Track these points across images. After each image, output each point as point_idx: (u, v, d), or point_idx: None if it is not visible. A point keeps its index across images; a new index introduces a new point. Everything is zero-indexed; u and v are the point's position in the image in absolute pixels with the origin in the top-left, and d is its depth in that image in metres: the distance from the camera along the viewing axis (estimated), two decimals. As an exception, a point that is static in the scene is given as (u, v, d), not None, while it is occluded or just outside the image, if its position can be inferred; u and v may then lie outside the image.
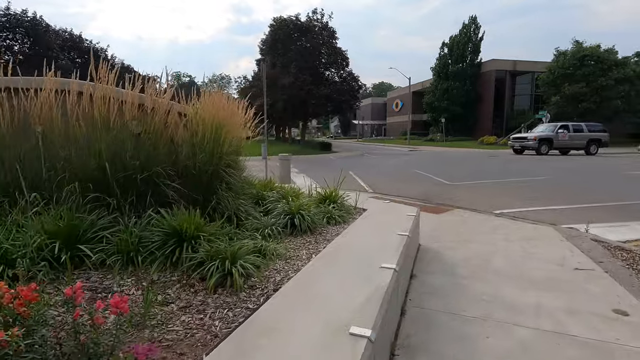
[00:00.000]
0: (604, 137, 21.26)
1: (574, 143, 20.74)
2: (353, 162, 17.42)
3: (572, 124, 21.08)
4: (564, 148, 20.93)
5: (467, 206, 6.84)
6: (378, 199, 6.71)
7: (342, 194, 4.49)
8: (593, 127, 21.80)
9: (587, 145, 20.82)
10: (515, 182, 9.73)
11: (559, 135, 20.34)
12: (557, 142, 20.36)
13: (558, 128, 20.73)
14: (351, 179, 10.67)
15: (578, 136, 20.72)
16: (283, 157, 8.71)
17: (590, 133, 21.00)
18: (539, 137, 20.36)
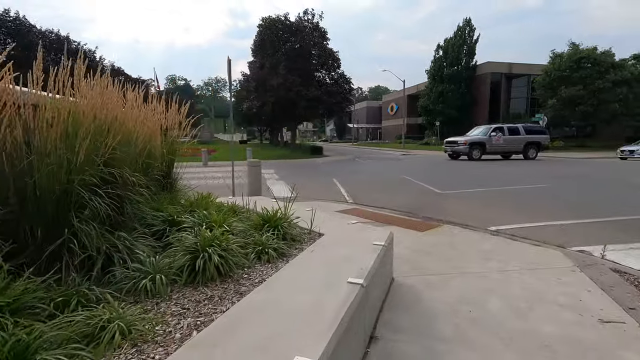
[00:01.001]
0: (543, 139, 19.99)
1: (510, 147, 19.28)
2: (341, 167, 16.47)
3: (507, 126, 19.64)
4: (499, 152, 19.48)
5: (458, 220, 5.87)
6: (346, 216, 5.73)
7: (292, 215, 3.49)
8: (531, 129, 20.45)
9: (525, 149, 19.43)
10: (512, 191, 8.79)
11: (492, 138, 18.80)
12: (490, 146, 18.79)
13: (491, 131, 19.19)
14: (333, 187, 9.70)
15: (514, 139, 19.23)
16: (252, 163, 7.72)
17: (528, 136, 19.51)
18: (470, 141, 18.81)
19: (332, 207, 6.85)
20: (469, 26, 41.56)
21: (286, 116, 25.67)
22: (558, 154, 25.53)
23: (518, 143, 19.15)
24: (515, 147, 19.23)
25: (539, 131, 20.33)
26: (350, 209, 6.69)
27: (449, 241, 4.67)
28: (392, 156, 26.53)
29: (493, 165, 16.82)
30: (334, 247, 2.93)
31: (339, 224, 3.89)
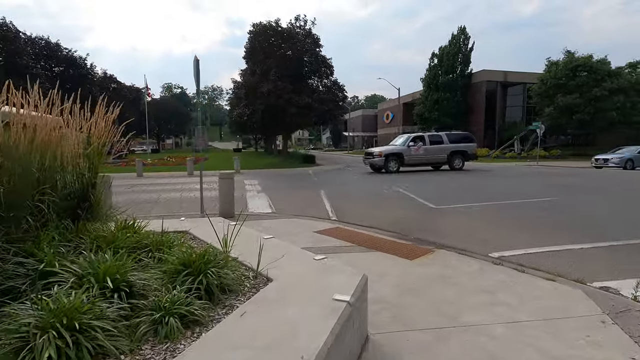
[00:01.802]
0: (469, 148, 18.13)
1: (433, 157, 17.42)
2: (331, 178, 15.65)
3: (428, 135, 17.79)
4: (421, 163, 17.46)
5: (454, 244, 5.05)
6: (316, 246, 4.89)
7: (233, 258, 2.65)
8: (456, 136, 18.55)
9: (450, 159, 17.59)
10: (514, 206, 8.00)
11: (410, 149, 16.93)
12: (409, 157, 16.90)
13: (410, 140, 17.36)
14: (318, 201, 8.87)
15: (437, 149, 17.41)
16: (223, 175, 6.88)
17: (452, 144, 17.70)
18: (386, 152, 16.88)
19: (311, 227, 6.03)
20: (464, 34, 41.34)
21: (276, 124, 24.91)
22: (554, 163, 24.94)
23: (441, 152, 17.41)
24: (438, 156, 17.51)
25: (465, 139, 18.43)
26: (332, 229, 5.86)
27: (444, 274, 3.83)
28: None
29: (490, 176, 16.09)
30: (277, 305, 2.08)
31: (301, 261, 3.04)
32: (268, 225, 6.17)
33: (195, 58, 6.40)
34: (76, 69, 44.35)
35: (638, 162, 20.90)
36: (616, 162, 20.85)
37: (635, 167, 20.74)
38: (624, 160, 20.73)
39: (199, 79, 6.46)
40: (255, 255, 2.80)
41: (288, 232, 5.63)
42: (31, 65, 36.07)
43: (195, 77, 6.39)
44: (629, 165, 20.67)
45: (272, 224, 6.23)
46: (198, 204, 8.66)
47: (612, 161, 20.99)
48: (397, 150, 17.09)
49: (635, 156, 21.00)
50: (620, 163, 20.69)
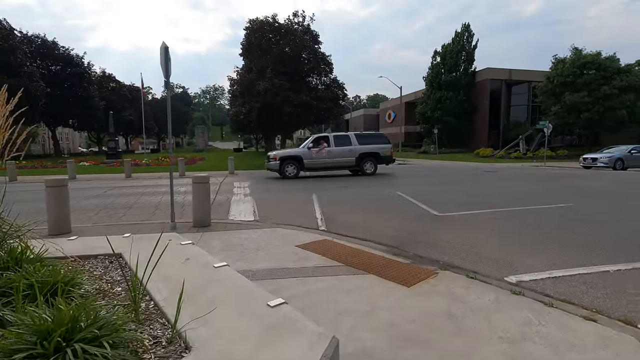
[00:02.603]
0: (382, 149, 15.91)
1: (339, 160, 15.29)
2: (327, 179, 14.81)
3: (334, 135, 15.65)
4: (325, 167, 15.38)
5: (462, 262, 4.22)
6: (289, 271, 4.03)
7: (143, 311, 1.82)
8: (368, 137, 16.34)
9: (359, 162, 15.49)
10: (528, 213, 7.14)
11: (311, 151, 14.97)
12: (309, 160, 14.96)
13: (310, 141, 15.55)
14: (308, 206, 8.04)
15: (343, 151, 15.30)
16: (198, 179, 6.05)
17: (361, 146, 15.53)
18: (282, 155, 15.10)
19: (294, 239, 5.20)
20: (468, 32, 40.39)
21: (273, 123, 24.09)
22: (562, 164, 23.99)
23: (349, 155, 15.35)
24: (345, 160, 15.43)
25: (378, 140, 16.26)
26: (318, 242, 5.03)
27: (451, 310, 2.99)
28: (385, 165, 24.90)
29: (496, 177, 15.21)
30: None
31: (246, 310, 2.19)
32: (245, 237, 5.35)
33: (164, 45, 5.58)
34: (73, 67, 43.66)
35: (629, 162, 19.80)
36: (605, 161, 19.79)
37: (625, 167, 19.64)
38: (613, 160, 19.68)
39: (168, 68, 5.64)
40: (189, 297, 1.97)
41: (266, 247, 4.81)
42: (25, 64, 35.39)
43: (164, 66, 5.57)
44: (619, 165, 19.60)
45: (251, 236, 5.41)
46: (177, 208, 7.85)
47: (601, 161, 19.91)
48: (293, 153, 15.31)
49: (626, 156, 19.92)
50: (609, 163, 19.64)
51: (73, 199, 9.60)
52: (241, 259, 4.29)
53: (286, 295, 3.18)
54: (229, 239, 5.26)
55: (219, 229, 5.86)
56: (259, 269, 3.91)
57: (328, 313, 2.90)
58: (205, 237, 5.32)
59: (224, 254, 4.47)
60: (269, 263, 4.13)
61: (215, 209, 7.97)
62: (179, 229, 5.91)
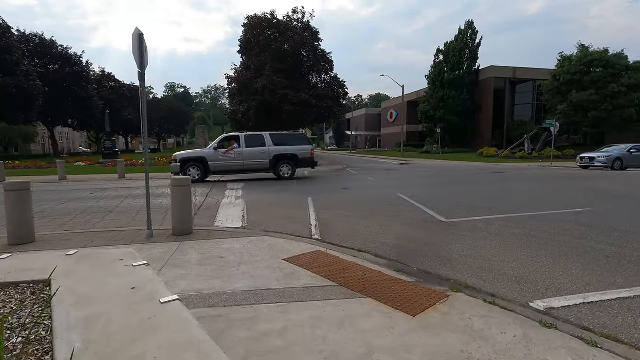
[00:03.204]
0: (301, 151, 14.35)
1: (250, 163, 13.81)
2: (325, 181, 14.21)
3: (245, 135, 14.14)
4: (233, 170, 13.87)
5: (477, 282, 3.58)
6: (273, 293, 3.41)
7: None
8: (284, 137, 14.69)
9: (273, 165, 14.05)
10: (544, 220, 6.49)
11: (218, 152, 13.55)
12: (215, 162, 13.54)
13: (218, 141, 14.08)
14: (303, 210, 7.41)
15: (255, 152, 13.81)
16: (178, 181, 5.42)
17: (276, 147, 14.06)
18: (183, 157, 13.59)
19: (283, 250, 4.57)
20: (471, 29, 39.64)
21: (272, 122, 23.43)
22: (569, 164, 23.27)
23: (262, 157, 13.89)
24: (257, 162, 13.94)
25: (297, 141, 14.71)
26: (309, 255, 4.40)
27: (467, 352, 2.35)
28: (388, 166, 24.27)
29: (503, 178, 14.53)
30: None
31: None
32: (228, 247, 4.73)
33: (137, 31, 4.96)
34: (71, 66, 43.14)
35: (628, 161, 18.93)
36: (603, 161, 18.93)
37: (624, 167, 18.78)
38: (611, 159, 18.82)
39: (143, 58, 5.02)
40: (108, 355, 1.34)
41: (249, 260, 4.18)
42: (23, 62, 34.88)
43: (137, 56, 4.95)
44: (617, 165, 18.74)
45: (234, 246, 4.79)
46: (160, 213, 7.26)
47: (599, 160, 19.03)
48: (197, 155, 13.75)
49: (625, 155, 19.04)
50: (607, 163, 18.79)
51: (53, 201, 9.04)
52: (217, 276, 3.67)
53: (261, 331, 2.55)
54: (210, 250, 4.64)
55: (201, 238, 5.24)
56: (235, 291, 3.29)
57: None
58: (182, 248, 4.71)
59: (199, 270, 3.85)
60: (249, 282, 3.50)
61: (201, 213, 7.36)
62: (156, 237, 5.30)
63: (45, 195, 10.09)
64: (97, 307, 1.88)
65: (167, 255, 4.41)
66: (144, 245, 4.87)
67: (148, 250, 4.61)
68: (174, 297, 2.01)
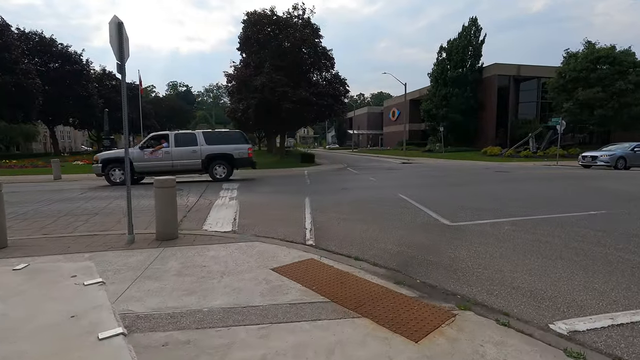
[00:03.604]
0: (237, 151, 13.24)
1: (180, 163, 12.73)
2: (324, 180, 13.81)
3: (175, 134, 13.17)
4: (162, 172, 12.21)
5: (486, 298, 3.17)
6: (255, 311, 2.98)
7: None
8: (219, 136, 13.69)
9: (206, 165, 13.01)
10: (557, 223, 6.07)
11: (143, 152, 12.59)
12: (141, 163, 12.50)
13: (145, 141, 13.21)
14: (298, 212, 7.01)
15: (185, 152, 12.82)
16: (161, 182, 5.03)
17: (209, 146, 13.04)
18: (105, 157, 12.66)
19: (273, 257, 4.18)
20: (475, 26, 39.05)
21: (271, 120, 23.06)
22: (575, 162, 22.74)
23: (193, 157, 12.81)
24: (188, 162, 12.89)
25: (232, 139, 13.54)
26: (301, 263, 4.00)
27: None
28: (389, 165, 23.85)
29: (509, 177, 14.08)
30: None
31: None
32: (213, 254, 4.34)
33: (115, 19, 4.56)
34: (72, 65, 42.88)
35: (632, 160, 18.33)
36: (606, 160, 18.33)
37: (628, 166, 18.19)
38: (614, 158, 18.21)
39: (123, 48, 4.63)
40: None
41: (234, 269, 3.79)
42: (22, 61, 34.64)
43: (116, 46, 4.55)
44: (621, 164, 18.15)
45: (220, 253, 4.40)
46: (149, 215, 6.89)
47: (601, 159, 18.44)
48: (119, 155, 12.62)
49: (628, 154, 18.42)
50: (610, 162, 18.19)
51: (40, 202, 8.68)
52: (195, 290, 3.27)
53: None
54: (192, 257, 4.25)
55: (186, 243, 4.86)
56: (212, 309, 2.89)
57: (292, 399, 1.87)
58: (163, 255, 4.32)
59: (176, 282, 3.46)
60: (230, 298, 3.11)
61: (191, 215, 6.97)
62: (138, 243, 4.92)
63: (33, 196, 9.75)
64: (17, 345, 1.49)
65: (145, 263, 4.02)
66: (122, 252, 4.49)
67: (125, 258, 4.23)
68: (117, 331, 1.62)
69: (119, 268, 3.88)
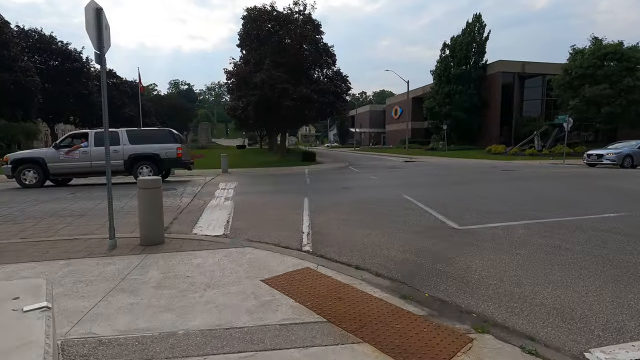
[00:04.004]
0: (165, 151, 12.02)
1: (100, 164, 11.16)
2: (325, 179, 13.40)
3: (96, 132, 11.93)
4: (80, 174, 11.74)
5: (506, 317, 2.75)
6: (238, 334, 2.57)
7: None
8: (145, 134, 12.61)
9: (129, 167, 11.87)
10: (574, 227, 5.65)
11: (59, 152, 11.48)
12: (55, 164, 11.45)
13: (62, 140, 12.10)
14: (296, 213, 6.61)
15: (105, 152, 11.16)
16: (145, 183, 4.63)
17: (134, 146, 11.90)
18: (16, 157, 11.57)
19: (264, 267, 3.77)
20: (479, 22, 38.46)
21: (272, 118, 22.64)
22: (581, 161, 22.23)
23: (115, 157, 11.50)
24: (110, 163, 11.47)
25: (160, 138, 12.35)
26: (295, 273, 3.60)
27: None
28: (392, 163, 23.41)
29: (516, 176, 13.62)
30: None
31: None
32: (199, 262, 3.94)
33: (93, 4, 4.15)
34: (72, 62, 42.58)
35: (639, 159, 17.80)
36: (612, 158, 17.74)
37: (635, 164, 17.64)
38: (621, 156, 17.63)
39: (101, 37, 4.22)
40: None
41: (220, 281, 3.39)
42: (21, 58, 34.34)
43: (94, 33, 4.15)
44: (627, 162, 17.59)
45: (207, 261, 4.00)
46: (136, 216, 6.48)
47: (607, 157, 17.85)
48: (31, 156, 11.63)
49: (635, 152, 17.86)
50: (617, 160, 17.61)
51: (27, 202, 8.29)
52: (173, 306, 2.87)
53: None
54: (176, 266, 3.86)
55: (172, 249, 4.46)
56: (189, 331, 2.49)
57: None
58: (145, 263, 3.93)
59: (153, 296, 3.06)
60: (211, 316, 2.71)
61: (183, 217, 6.58)
62: (120, 248, 4.53)
63: (21, 196, 9.39)
64: None
65: (123, 273, 3.63)
66: (101, 259, 4.11)
67: (102, 267, 3.84)
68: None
69: (93, 279, 3.49)
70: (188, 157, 13.34)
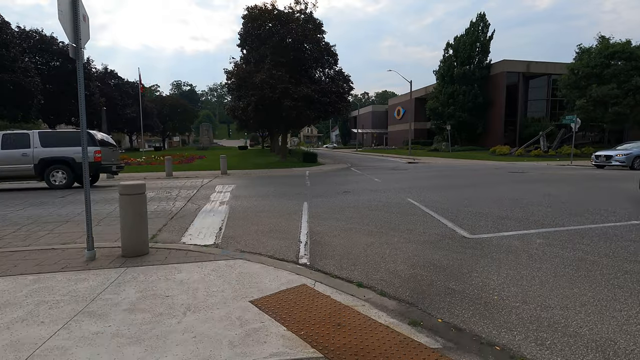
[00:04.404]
0: (79, 155, 10.58)
1: (6, 169, 10.73)
2: (326, 182, 12.97)
3: (4, 134, 11.08)
4: None
5: (536, 353, 2.32)
6: None
7: None
8: (59, 138, 11.39)
9: (41, 171, 10.99)
10: (597, 236, 5.20)
11: None
12: None
13: None
14: (294, 220, 6.19)
15: (13, 156, 10.78)
16: (127, 189, 4.23)
17: (45, 149, 10.99)
18: None
19: (255, 284, 3.35)
20: (483, 22, 37.96)
21: (272, 119, 22.22)
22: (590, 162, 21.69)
23: (22, 161, 10.77)
24: (16, 167, 10.83)
25: (75, 141, 11.22)
26: (290, 291, 3.18)
27: None
28: (395, 164, 22.95)
29: (524, 178, 13.14)
30: None
31: None
32: (182, 278, 3.53)
33: None
34: (73, 63, 42.39)
35: None
36: (621, 160, 17.13)
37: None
38: (631, 158, 17.00)
39: (78, 27, 3.83)
40: None
41: (204, 303, 2.97)
42: (22, 59, 34.14)
43: (69, 24, 3.75)
44: (637, 164, 16.98)
45: (192, 276, 3.58)
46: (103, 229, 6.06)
47: (617, 159, 17.24)
48: None
49: None
50: (626, 161, 16.99)
51: (12, 207, 7.88)
52: (143, 336, 2.45)
53: None
54: (157, 282, 3.44)
55: (155, 261, 4.05)
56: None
57: None
58: (122, 279, 3.52)
59: (123, 322, 2.65)
60: (187, 350, 2.28)
61: (173, 223, 6.17)
62: (99, 260, 4.13)
63: (9, 200, 9.02)
64: None
65: (95, 292, 3.22)
66: (75, 273, 3.70)
67: (75, 283, 3.43)
68: None
69: (60, 299, 3.08)
70: (115, 161, 12.42)
